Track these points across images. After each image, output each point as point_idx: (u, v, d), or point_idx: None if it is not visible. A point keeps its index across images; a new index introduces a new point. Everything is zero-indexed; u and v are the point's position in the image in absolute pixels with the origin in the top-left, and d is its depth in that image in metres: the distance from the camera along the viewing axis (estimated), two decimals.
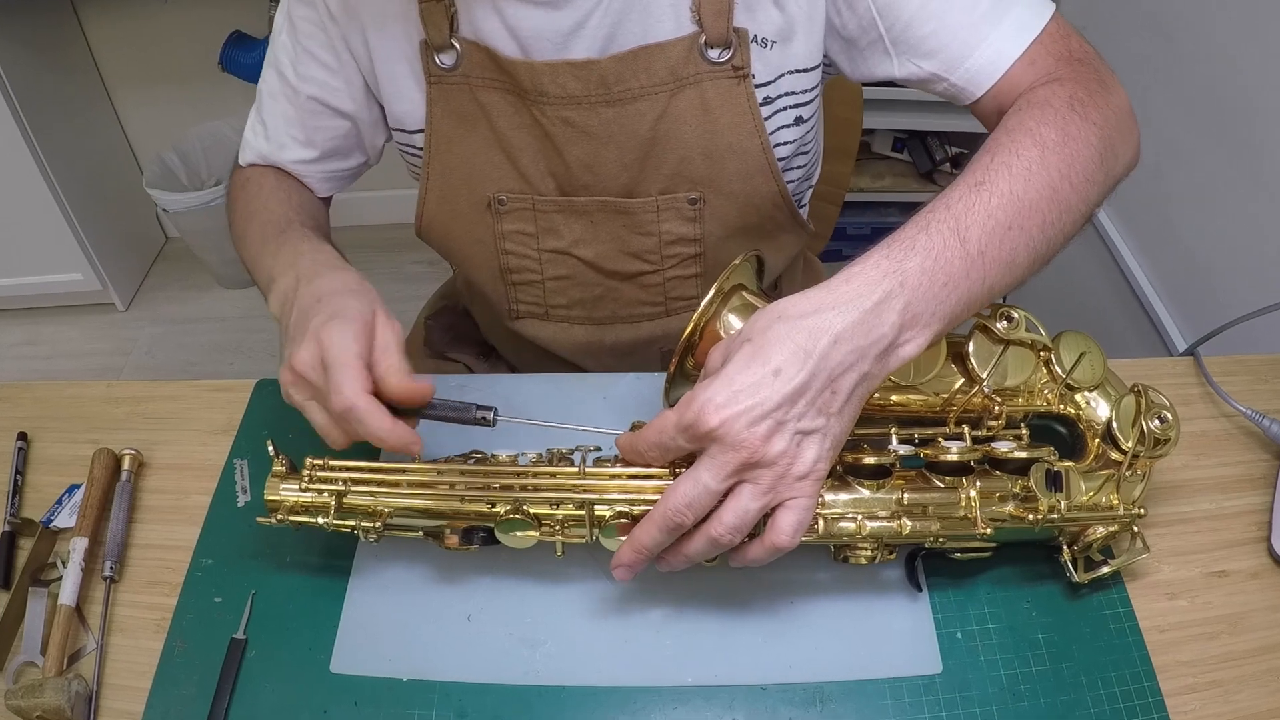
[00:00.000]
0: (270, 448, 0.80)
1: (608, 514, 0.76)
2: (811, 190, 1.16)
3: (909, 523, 0.76)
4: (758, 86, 0.95)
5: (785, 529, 0.69)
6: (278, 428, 0.97)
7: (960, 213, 0.72)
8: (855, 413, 0.70)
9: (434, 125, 1.00)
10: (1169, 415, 0.78)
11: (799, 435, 0.67)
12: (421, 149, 1.02)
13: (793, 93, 0.98)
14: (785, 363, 0.66)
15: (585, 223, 1.04)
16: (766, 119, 0.97)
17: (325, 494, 0.78)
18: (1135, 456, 0.78)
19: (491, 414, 0.78)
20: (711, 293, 0.78)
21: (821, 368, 0.67)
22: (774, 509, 0.70)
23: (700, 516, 0.70)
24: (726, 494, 0.69)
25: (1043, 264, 0.77)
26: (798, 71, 0.96)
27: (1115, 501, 0.78)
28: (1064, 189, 0.76)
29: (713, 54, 0.92)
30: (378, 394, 0.74)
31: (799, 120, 1.00)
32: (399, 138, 1.05)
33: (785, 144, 1.00)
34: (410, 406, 0.76)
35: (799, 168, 1.07)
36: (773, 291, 1.23)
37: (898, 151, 2.60)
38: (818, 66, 0.97)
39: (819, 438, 0.68)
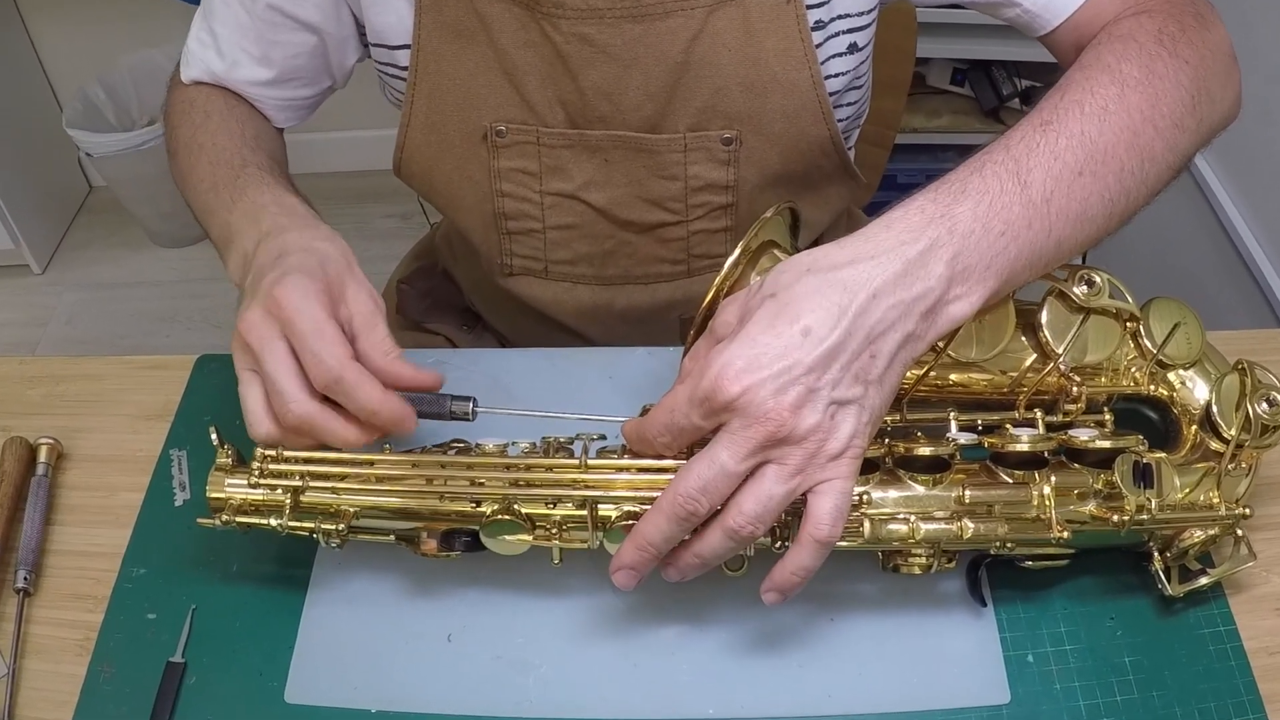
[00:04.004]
0: (214, 435, 0.79)
1: (614, 514, 0.75)
2: (859, 131, 1.16)
3: (971, 525, 0.75)
4: (809, 8, 0.95)
5: (823, 517, 0.68)
6: (223, 412, 0.97)
7: (1021, 154, 0.73)
8: (896, 382, 0.70)
9: (422, 40, 0.99)
10: None
11: (833, 406, 0.67)
12: (405, 68, 1.01)
13: (847, 15, 0.97)
14: (817, 321, 0.66)
15: (598, 162, 1.04)
16: (817, 46, 0.96)
17: (279, 490, 0.78)
18: (1239, 447, 0.78)
19: (469, 405, 0.78)
20: (737, 251, 0.77)
21: (859, 326, 0.66)
22: (805, 497, 0.69)
23: (716, 504, 0.69)
24: (748, 479, 0.68)
25: (1122, 220, 0.78)
26: None
27: (1216, 500, 0.78)
28: (1146, 133, 0.76)
29: None
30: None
31: (853, 48, 1.00)
32: (378, 55, 1.04)
33: (836, 76, 1.00)
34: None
35: (850, 104, 1.06)
36: None
37: (957, 85, 2.59)
38: None
39: (855, 410, 0.68)
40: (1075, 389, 0.79)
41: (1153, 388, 0.81)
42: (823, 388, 0.66)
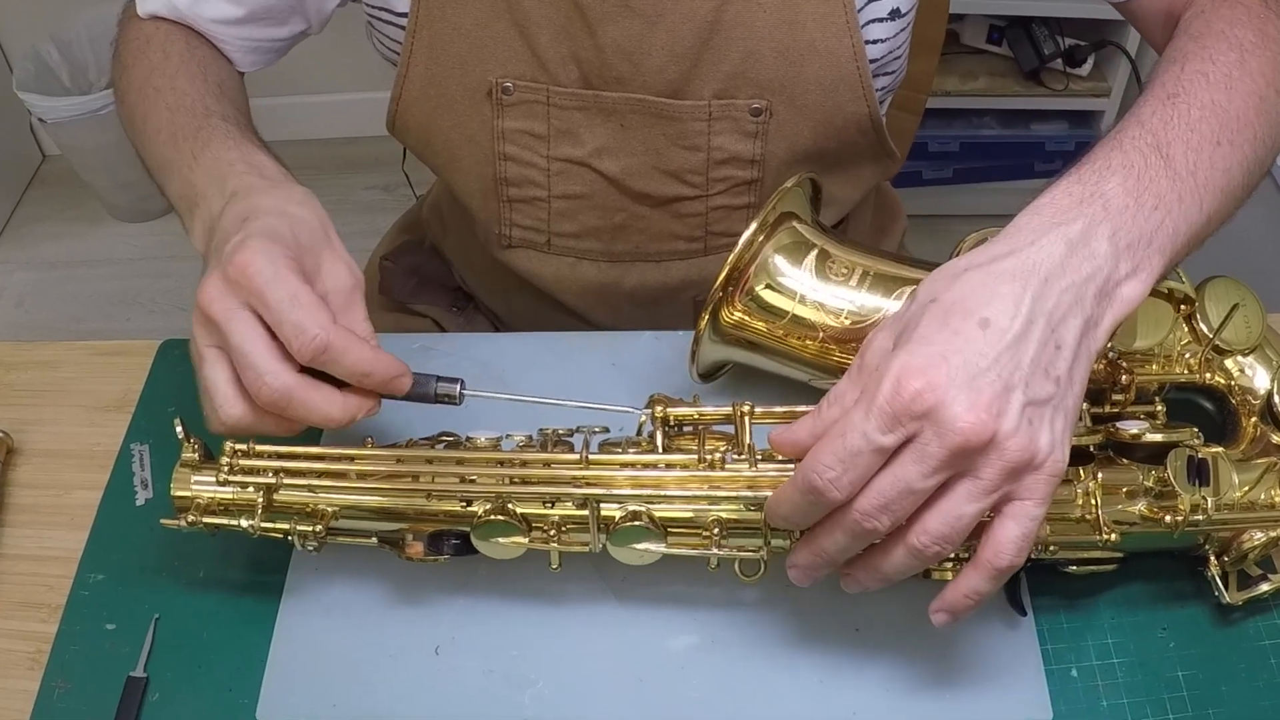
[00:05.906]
0: (178, 428, 0.79)
1: (617, 515, 0.75)
2: (891, 99, 1.15)
3: None
4: None
5: (1006, 545, 0.66)
6: (188, 402, 0.96)
7: (1156, 127, 0.74)
8: (1084, 380, 0.68)
9: None
10: None
11: (1030, 408, 0.64)
12: (403, 15, 1.01)
13: None
14: (995, 312, 0.64)
15: (613, 127, 1.03)
16: (858, 10, 0.96)
17: (250, 489, 0.77)
18: None
19: (456, 388, 0.77)
20: (754, 224, 0.77)
21: (1038, 312, 0.65)
22: (990, 515, 0.67)
23: (900, 522, 0.66)
24: (937, 492, 0.66)
25: (1252, 191, 0.79)
26: None
27: (1278, 499, 0.78)
28: (1270, 97, 0.79)
29: None
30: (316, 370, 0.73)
31: (895, 14, 0.99)
32: None
33: (876, 43, 1.00)
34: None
35: (888, 74, 1.06)
36: (835, 230, 1.22)
37: (994, 44, 2.59)
38: None
39: (1050, 413, 0.65)
40: (1124, 377, 0.79)
41: (1209, 376, 0.81)
42: (1017, 384, 0.64)
